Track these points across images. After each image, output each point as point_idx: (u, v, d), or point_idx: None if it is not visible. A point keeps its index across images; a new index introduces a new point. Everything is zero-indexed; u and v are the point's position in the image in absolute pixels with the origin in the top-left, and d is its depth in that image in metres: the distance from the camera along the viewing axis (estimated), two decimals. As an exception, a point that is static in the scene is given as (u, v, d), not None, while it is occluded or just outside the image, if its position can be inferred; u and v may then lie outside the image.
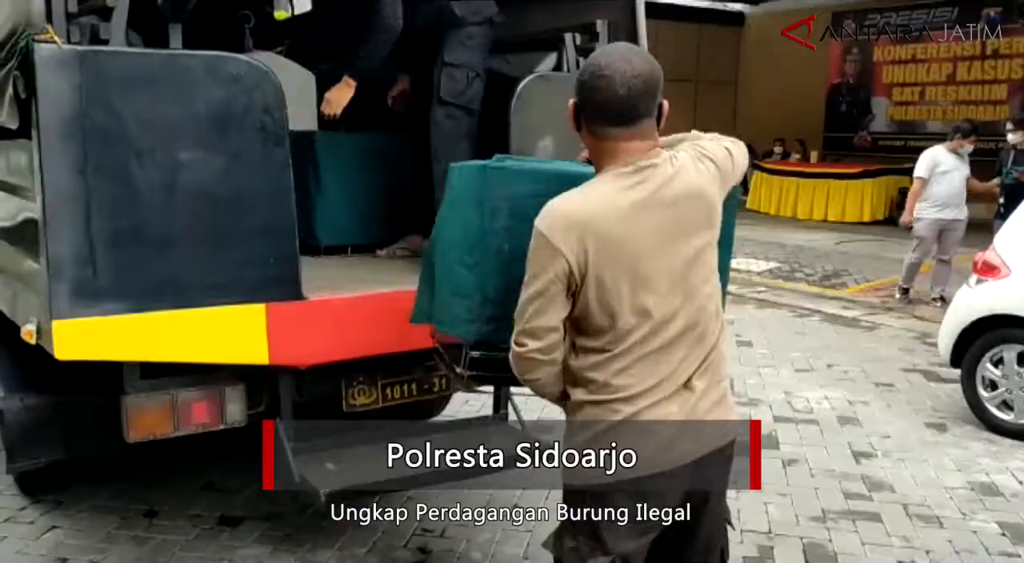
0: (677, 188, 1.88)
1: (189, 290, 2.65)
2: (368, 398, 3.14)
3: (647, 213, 1.85)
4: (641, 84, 1.85)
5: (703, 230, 1.92)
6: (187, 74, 2.60)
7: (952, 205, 7.49)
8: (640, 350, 1.88)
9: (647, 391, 1.88)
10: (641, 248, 1.85)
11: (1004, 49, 14.70)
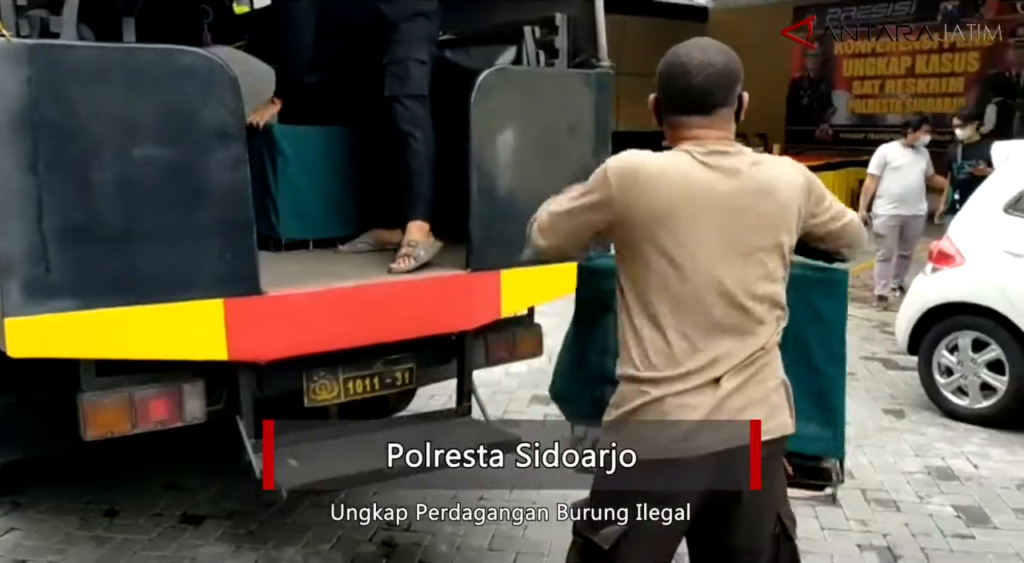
0: (745, 179, 1.91)
1: (145, 286, 2.63)
2: (330, 393, 3.13)
3: (709, 184, 1.89)
4: (718, 73, 1.92)
5: (766, 230, 1.92)
6: (140, 68, 2.57)
7: (909, 201, 7.46)
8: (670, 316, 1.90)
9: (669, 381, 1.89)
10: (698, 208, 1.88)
11: (961, 43, 14.94)
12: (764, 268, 1.94)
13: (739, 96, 1.98)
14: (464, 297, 3.37)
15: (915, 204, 7.51)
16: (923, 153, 7.56)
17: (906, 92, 15.77)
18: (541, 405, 5.21)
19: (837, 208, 2.10)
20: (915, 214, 7.54)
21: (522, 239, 3.45)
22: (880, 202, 7.54)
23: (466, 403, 3.54)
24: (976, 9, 14.65)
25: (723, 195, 1.90)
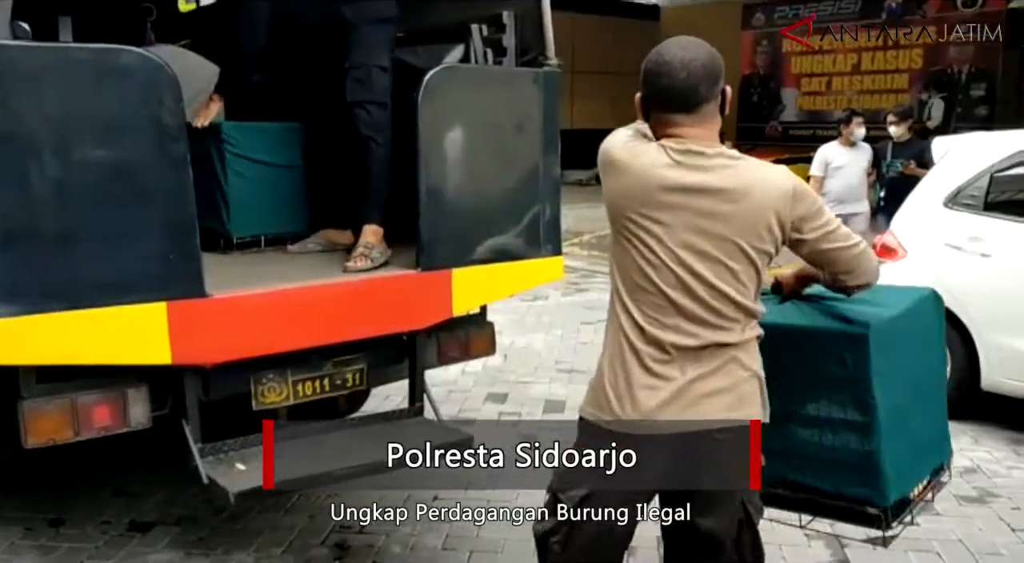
0: (714, 180, 1.96)
1: (86, 290, 2.58)
2: (279, 396, 3.10)
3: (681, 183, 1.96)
4: (700, 68, 1.95)
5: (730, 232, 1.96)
6: (77, 68, 2.52)
7: (849, 199, 7.33)
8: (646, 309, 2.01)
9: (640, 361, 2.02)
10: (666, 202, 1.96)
11: (904, 40, 15.28)
12: (727, 269, 1.98)
13: (722, 90, 2.02)
14: (415, 296, 3.36)
15: (856, 202, 7.39)
16: (863, 150, 7.46)
17: (852, 89, 16.09)
18: (496, 403, 5.23)
19: (836, 231, 2.07)
20: (855, 212, 7.42)
21: (472, 237, 3.50)
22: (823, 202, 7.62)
23: (418, 403, 3.53)
24: (919, 7, 14.99)
25: (687, 193, 1.96)
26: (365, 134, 3.53)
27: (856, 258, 2.10)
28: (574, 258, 9.59)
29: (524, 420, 4.94)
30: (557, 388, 5.52)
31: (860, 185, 7.41)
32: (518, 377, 5.73)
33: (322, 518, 3.72)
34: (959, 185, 4.97)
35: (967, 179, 4.95)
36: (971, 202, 4.91)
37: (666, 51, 1.99)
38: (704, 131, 2.00)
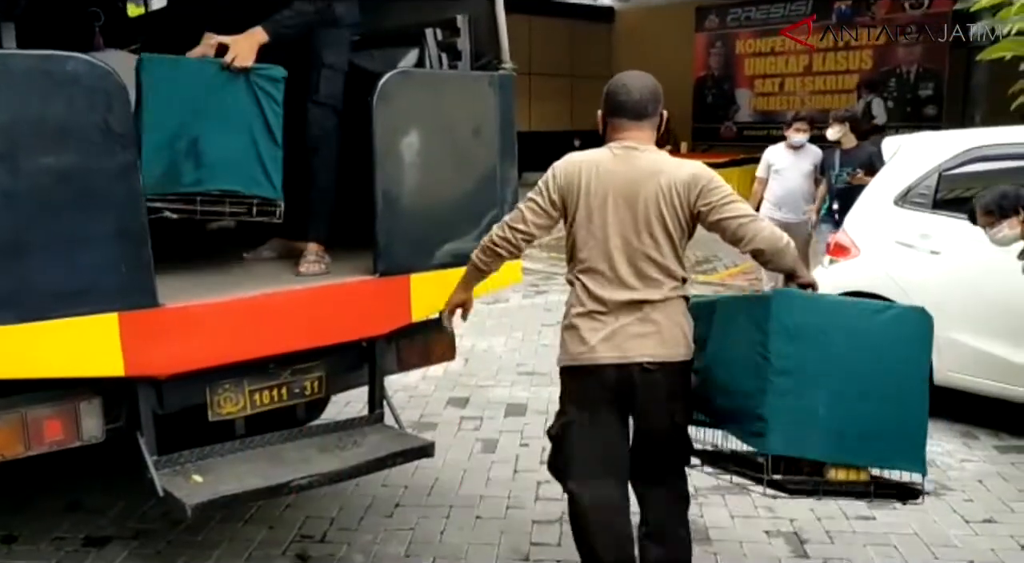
0: (643, 164, 2.71)
1: (35, 302, 2.53)
2: (235, 406, 3.06)
3: (617, 172, 2.71)
4: (648, 92, 2.77)
5: (670, 201, 2.66)
6: (20, 75, 2.46)
7: (789, 204, 6.94)
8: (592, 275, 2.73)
9: (590, 312, 2.72)
10: (608, 190, 2.70)
11: (855, 41, 15.54)
12: (652, 239, 2.68)
13: (661, 113, 2.80)
14: (373, 302, 3.34)
15: (797, 209, 6.95)
16: (808, 154, 7.00)
17: (805, 89, 16.33)
18: (457, 408, 5.21)
19: (729, 203, 2.65)
20: (798, 220, 6.91)
21: (430, 242, 3.48)
22: (767, 207, 7.00)
23: (378, 410, 3.51)
24: (868, 9, 15.25)
25: (622, 178, 2.71)
26: (314, 135, 3.48)
27: (743, 227, 2.62)
28: (533, 261, 9.60)
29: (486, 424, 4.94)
30: (518, 391, 5.52)
31: (802, 191, 6.96)
32: (479, 381, 5.72)
33: (282, 528, 3.68)
34: (909, 184, 5.06)
35: (917, 178, 5.05)
36: (921, 200, 5.01)
37: (625, 77, 2.81)
38: (643, 136, 2.77)
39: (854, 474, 2.70)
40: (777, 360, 2.58)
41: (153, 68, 2.95)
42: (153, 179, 2.86)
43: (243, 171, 3.12)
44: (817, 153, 7.02)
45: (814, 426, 2.60)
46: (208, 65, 3.07)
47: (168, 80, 2.97)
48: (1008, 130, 5.01)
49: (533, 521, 3.75)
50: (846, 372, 2.63)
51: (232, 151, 3.08)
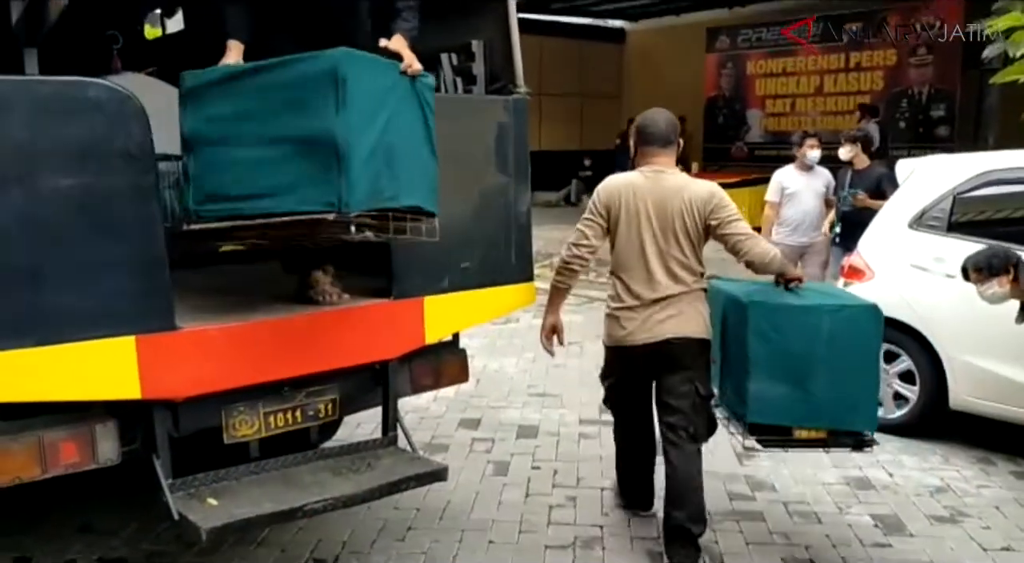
0: (670, 184, 3.55)
1: (54, 325, 2.54)
2: (250, 428, 3.06)
3: (649, 191, 3.54)
4: (671, 125, 3.66)
5: (689, 215, 3.49)
6: (42, 101, 2.49)
7: (804, 227, 6.87)
8: (628, 274, 3.57)
9: (625, 305, 3.56)
10: (642, 205, 3.52)
11: (866, 62, 15.56)
12: (678, 244, 3.50)
13: (679, 141, 3.69)
14: (387, 325, 3.35)
15: (813, 231, 6.91)
16: (819, 175, 6.97)
17: (816, 110, 16.33)
18: (468, 430, 5.20)
19: (734, 222, 3.48)
20: (813, 241, 6.92)
21: (444, 264, 3.48)
22: (780, 230, 6.93)
23: (392, 432, 3.51)
24: (878, 31, 15.27)
25: (653, 195, 3.53)
26: None
27: (741, 243, 3.45)
28: (544, 280, 9.58)
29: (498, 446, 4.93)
30: (530, 413, 5.51)
31: (817, 213, 6.91)
32: (490, 402, 5.71)
33: (295, 550, 3.67)
34: (924, 207, 5.05)
35: (931, 201, 5.04)
36: (935, 223, 4.99)
37: (652, 113, 3.69)
38: (668, 160, 3.63)
39: (815, 433, 3.51)
40: (753, 355, 3.40)
41: (353, 66, 2.69)
42: (362, 193, 2.68)
43: (423, 184, 2.97)
44: (827, 174, 6.99)
45: (784, 400, 3.43)
46: (391, 69, 2.90)
47: (367, 82, 2.74)
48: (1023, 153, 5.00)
49: (546, 546, 3.73)
50: (810, 360, 3.39)
51: (413, 162, 2.92)
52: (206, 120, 2.84)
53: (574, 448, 4.89)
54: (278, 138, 2.76)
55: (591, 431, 5.16)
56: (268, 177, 2.76)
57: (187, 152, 2.87)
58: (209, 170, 2.84)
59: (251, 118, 2.79)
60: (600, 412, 5.47)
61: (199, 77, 2.89)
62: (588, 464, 4.64)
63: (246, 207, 2.79)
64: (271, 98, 2.78)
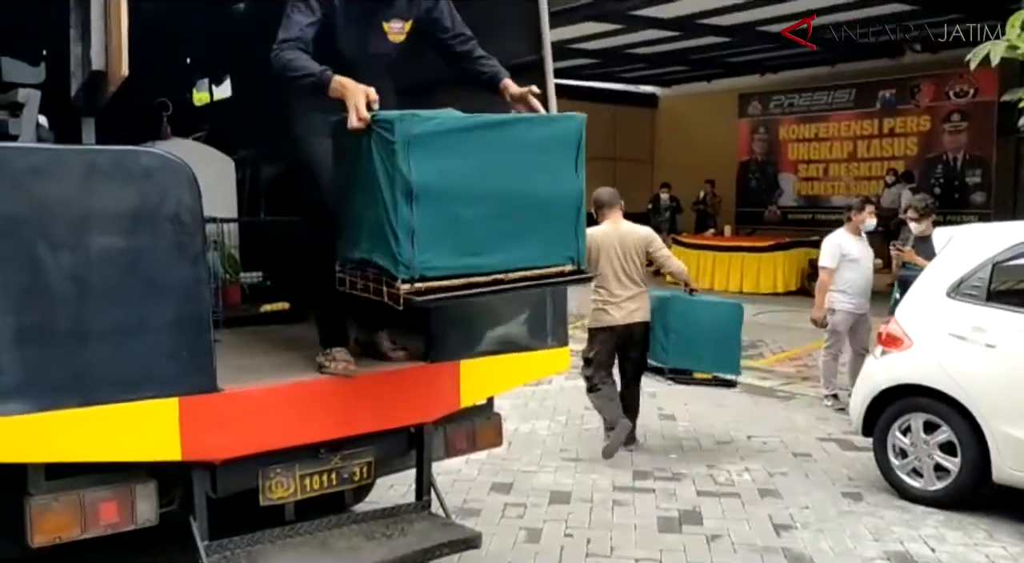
0: (624, 229, 5.86)
1: (99, 386, 2.59)
2: (286, 491, 3.06)
3: (615, 234, 5.79)
4: (615, 196, 5.96)
5: (638, 248, 5.79)
6: (97, 169, 2.58)
7: (865, 294, 6.85)
8: (609, 284, 5.73)
9: (611, 302, 5.73)
10: (612, 246, 5.74)
11: (899, 128, 15.60)
12: (634, 264, 5.77)
13: (620, 202, 5.97)
14: (423, 389, 3.36)
15: (868, 298, 6.92)
16: (866, 241, 7.03)
17: (849, 175, 16.35)
18: (501, 494, 5.16)
19: (662, 250, 5.98)
20: (866, 308, 6.93)
21: (480, 328, 3.51)
22: (839, 297, 6.83)
23: (426, 497, 3.50)
24: (912, 97, 15.34)
25: (618, 237, 5.79)
26: None
27: (665, 262, 5.93)
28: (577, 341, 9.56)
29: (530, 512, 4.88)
30: (563, 477, 5.46)
31: (871, 278, 6.94)
32: (522, 466, 5.68)
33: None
34: (962, 275, 5.01)
35: (969, 269, 4.99)
36: (974, 292, 4.94)
37: (602, 190, 5.94)
38: (619, 215, 5.89)
39: (706, 376, 6.18)
40: (671, 329, 5.77)
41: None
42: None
43: None
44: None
45: (687, 356, 5.90)
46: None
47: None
48: (1062, 222, 4.96)
49: (579, 616, 3.67)
50: (701, 333, 5.81)
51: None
52: (437, 172, 2.67)
53: (607, 515, 4.83)
54: (517, 195, 2.81)
55: (625, 498, 5.09)
56: (504, 234, 2.79)
57: (408, 204, 2.62)
58: (437, 224, 2.68)
59: (488, 173, 2.76)
60: (634, 478, 5.42)
61: (426, 124, 2.66)
62: (621, 532, 4.57)
63: (480, 264, 2.76)
64: (513, 155, 2.80)
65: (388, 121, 2.64)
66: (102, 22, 2.49)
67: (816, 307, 6.94)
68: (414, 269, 2.64)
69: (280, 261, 4.52)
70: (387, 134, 2.63)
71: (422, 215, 2.63)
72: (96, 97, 2.70)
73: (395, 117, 2.65)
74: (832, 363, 7.15)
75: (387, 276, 2.69)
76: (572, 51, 14.26)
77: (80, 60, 2.64)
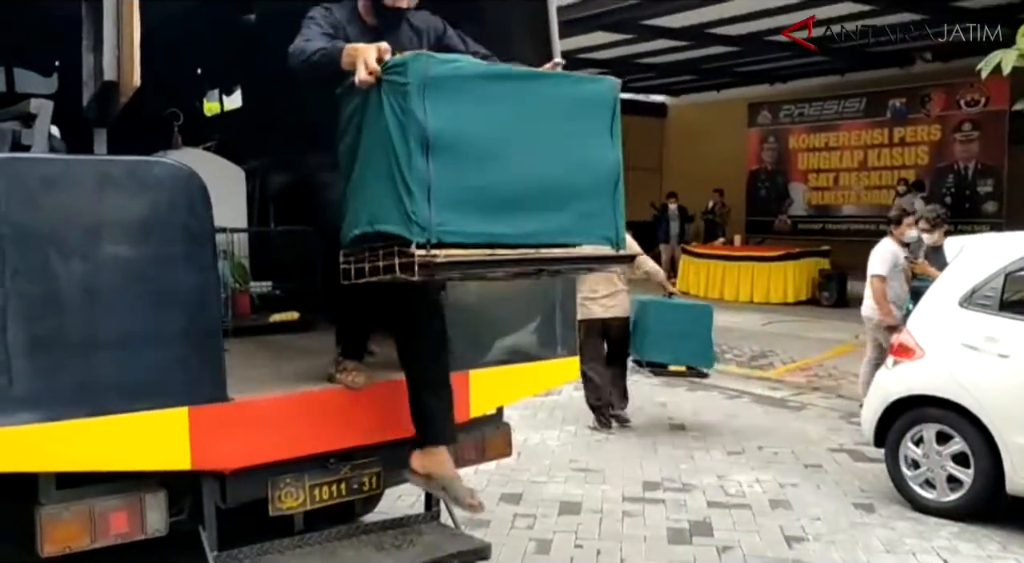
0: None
1: (110, 396, 2.59)
2: (296, 501, 3.06)
3: None
4: None
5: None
6: (109, 180, 2.59)
7: (903, 306, 6.66)
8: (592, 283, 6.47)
9: (592, 298, 6.54)
10: None
11: (910, 137, 15.55)
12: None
13: None
14: (433, 398, 3.34)
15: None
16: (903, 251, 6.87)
17: (860, 184, 16.29)
18: (510, 505, 5.14)
19: (640, 255, 6.60)
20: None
21: (489, 338, 3.50)
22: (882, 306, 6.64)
23: (435, 507, 3.49)
24: (922, 106, 15.29)
25: None
26: None
27: (642, 264, 6.70)
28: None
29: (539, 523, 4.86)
30: (572, 488, 5.44)
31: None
32: (532, 476, 5.66)
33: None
34: (974, 285, 4.98)
35: (982, 279, 4.96)
36: (986, 302, 4.91)
37: None
38: None
39: (680, 368, 7.13)
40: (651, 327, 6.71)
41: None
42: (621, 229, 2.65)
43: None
44: None
45: (664, 351, 6.90)
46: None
47: None
48: (1076, 232, 4.93)
49: (589, 628, 3.65)
50: (677, 331, 6.72)
51: None
52: (456, 120, 2.33)
53: (617, 527, 4.81)
54: (546, 158, 2.46)
55: (635, 509, 5.07)
56: (532, 201, 2.43)
57: (424, 155, 2.29)
58: (457, 180, 2.32)
59: (513, 129, 2.42)
60: (644, 489, 5.40)
61: (445, 66, 2.35)
62: (631, 544, 4.54)
63: (507, 232, 2.40)
64: (541, 112, 2.47)
65: (400, 63, 2.33)
66: (114, 32, 2.50)
67: (887, 313, 6.56)
68: (431, 231, 2.26)
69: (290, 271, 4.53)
70: (399, 77, 2.31)
71: (440, 168, 2.27)
72: (108, 107, 2.71)
73: (409, 57, 2.32)
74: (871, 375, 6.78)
75: (399, 243, 2.31)
76: (582, 61, 14.27)
77: (92, 70, 2.65)
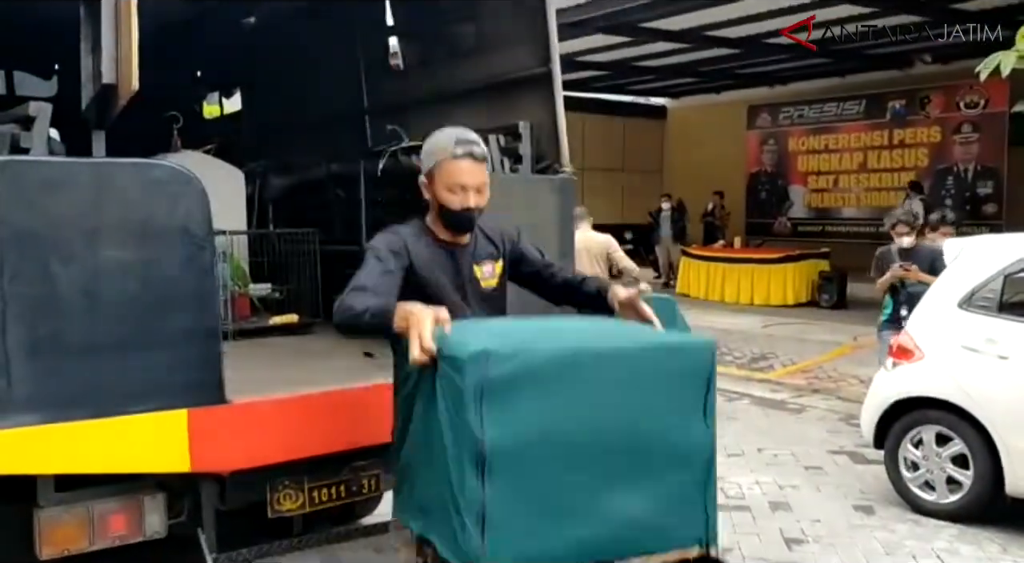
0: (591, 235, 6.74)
1: (108, 398, 2.59)
2: (295, 503, 3.06)
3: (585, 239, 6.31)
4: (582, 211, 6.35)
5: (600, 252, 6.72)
6: (108, 182, 2.59)
7: None
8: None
9: None
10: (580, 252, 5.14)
11: (909, 139, 15.57)
12: (598, 265, 6.62)
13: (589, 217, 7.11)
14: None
15: None
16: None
17: (860, 186, 16.30)
18: (510, 506, 5.14)
19: (619, 253, 6.83)
20: None
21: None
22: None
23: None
24: (922, 108, 15.31)
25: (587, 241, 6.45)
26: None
27: (620, 261, 6.84)
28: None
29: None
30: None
31: None
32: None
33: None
34: (973, 287, 4.97)
35: (981, 281, 4.96)
36: (986, 304, 4.91)
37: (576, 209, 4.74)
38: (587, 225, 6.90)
39: None
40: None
41: None
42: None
43: None
44: None
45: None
46: None
47: None
48: (1075, 233, 4.93)
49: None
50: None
51: None
52: (517, 424, 2.04)
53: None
54: (629, 448, 2.15)
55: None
56: (611, 503, 2.12)
57: (479, 475, 2.00)
58: (515, 500, 2.03)
59: (592, 420, 2.11)
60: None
61: (505, 364, 2.01)
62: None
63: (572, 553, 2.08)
64: (628, 392, 2.16)
65: (456, 359, 2.02)
66: (113, 35, 2.51)
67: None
68: (482, 560, 2.01)
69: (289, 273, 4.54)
70: (455, 376, 2.02)
71: (496, 489, 2.00)
72: (107, 110, 2.71)
73: (465, 355, 1.99)
74: None
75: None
76: (582, 63, 14.30)
77: (91, 73, 2.65)
